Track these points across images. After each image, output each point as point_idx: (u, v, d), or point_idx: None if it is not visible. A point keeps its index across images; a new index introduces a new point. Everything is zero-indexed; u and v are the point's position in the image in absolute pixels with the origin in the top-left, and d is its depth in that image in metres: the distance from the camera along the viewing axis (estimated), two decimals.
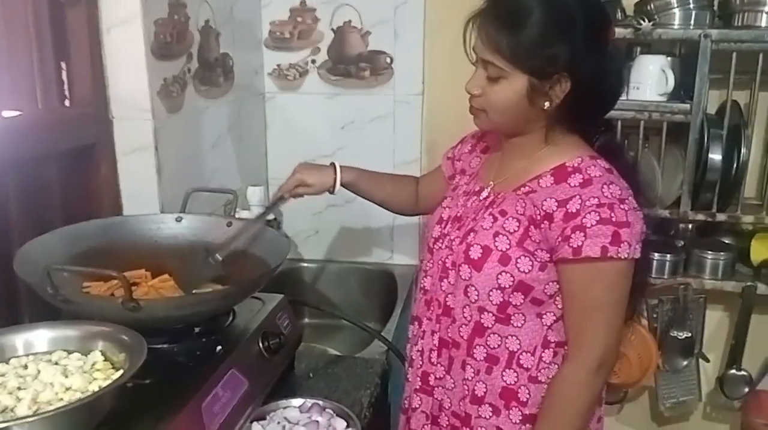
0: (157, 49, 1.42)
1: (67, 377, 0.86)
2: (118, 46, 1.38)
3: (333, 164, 1.38)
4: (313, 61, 2.04)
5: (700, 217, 1.88)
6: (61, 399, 0.82)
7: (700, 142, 1.81)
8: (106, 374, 0.88)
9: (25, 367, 0.89)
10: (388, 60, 1.99)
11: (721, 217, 1.86)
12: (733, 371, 2.03)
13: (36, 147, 1.26)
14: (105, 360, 0.91)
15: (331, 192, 1.38)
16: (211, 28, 1.68)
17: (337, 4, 1.97)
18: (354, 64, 2.01)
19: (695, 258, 1.94)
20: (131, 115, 1.42)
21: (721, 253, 1.93)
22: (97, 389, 0.83)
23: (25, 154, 1.24)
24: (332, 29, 2.00)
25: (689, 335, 1.97)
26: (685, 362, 2.01)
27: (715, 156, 1.80)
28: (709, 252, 1.93)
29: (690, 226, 2.00)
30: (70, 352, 0.93)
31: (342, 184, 1.38)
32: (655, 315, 1.98)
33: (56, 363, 0.90)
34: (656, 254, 1.92)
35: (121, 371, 0.86)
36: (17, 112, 1.24)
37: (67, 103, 1.37)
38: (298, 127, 2.09)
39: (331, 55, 2.02)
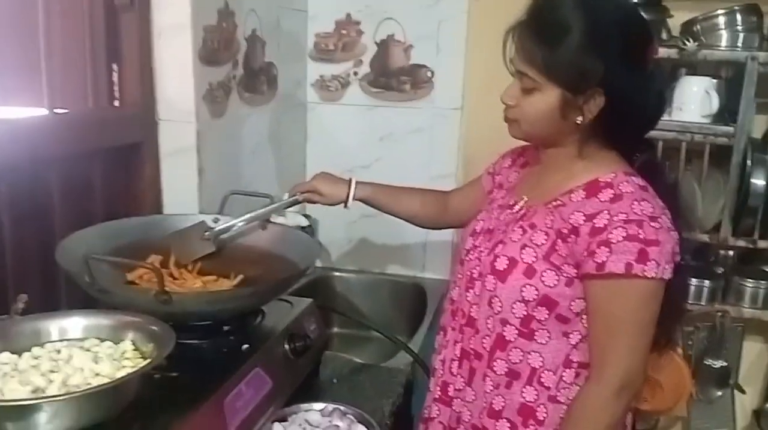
0: (205, 55, 1.47)
1: (97, 363, 0.89)
2: (167, 50, 1.44)
3: (350, 179, 1.41)
4: (356, 73, 2.08)
5: (741, 243, 1.84)
6: (89, 383, 0.85)
7: (743, 166, 1.78)
8: (134, 363, 0.91)
9: (59, 351, 0.93)
10: (429, 74, 2.02)
11: (762, 244, 1.82)
12: None
13: (84, 144, 1.32)
14: (135, 349, 0.94)
15: (345, 206, 1.41)
16: (257, 37, 1.73)
17: (382, 18, 2.01)
18: (395, 77, 2.04)
19: (735, 286, 1.90)
20: (176, 118, 1.47)
21: (762, 281, 1.88)
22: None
23: (73, 150, 1.29)
24: (376, 42, 2.04)
25: (725, 364, 1.92)
26: (719, 393, 1.96)
27: (758, 181, 1.77)
28: (749, 280, 1.89)
29: (731, 252, 1.96)
30: (102, 340, 0.96)
31: (357, 199, 1.40)
32: (690, 342, 1.94)
33: (88, 350, 0.93)
34: (694, 280, 1.88)
35: (149, 360, 0.89)
36: (66, 110, 1.29)
37: (116, 103, 1.43)
38: (337, 138, 2.12)
39: (373, 67, 2.06)
